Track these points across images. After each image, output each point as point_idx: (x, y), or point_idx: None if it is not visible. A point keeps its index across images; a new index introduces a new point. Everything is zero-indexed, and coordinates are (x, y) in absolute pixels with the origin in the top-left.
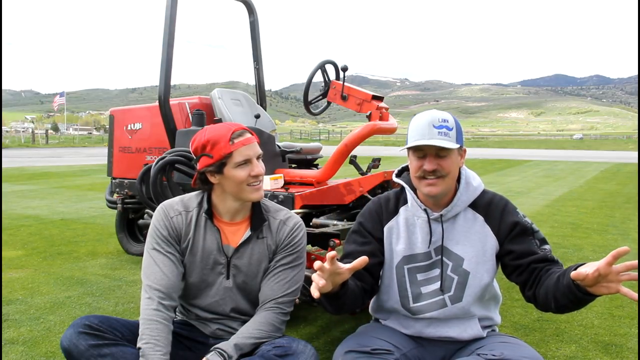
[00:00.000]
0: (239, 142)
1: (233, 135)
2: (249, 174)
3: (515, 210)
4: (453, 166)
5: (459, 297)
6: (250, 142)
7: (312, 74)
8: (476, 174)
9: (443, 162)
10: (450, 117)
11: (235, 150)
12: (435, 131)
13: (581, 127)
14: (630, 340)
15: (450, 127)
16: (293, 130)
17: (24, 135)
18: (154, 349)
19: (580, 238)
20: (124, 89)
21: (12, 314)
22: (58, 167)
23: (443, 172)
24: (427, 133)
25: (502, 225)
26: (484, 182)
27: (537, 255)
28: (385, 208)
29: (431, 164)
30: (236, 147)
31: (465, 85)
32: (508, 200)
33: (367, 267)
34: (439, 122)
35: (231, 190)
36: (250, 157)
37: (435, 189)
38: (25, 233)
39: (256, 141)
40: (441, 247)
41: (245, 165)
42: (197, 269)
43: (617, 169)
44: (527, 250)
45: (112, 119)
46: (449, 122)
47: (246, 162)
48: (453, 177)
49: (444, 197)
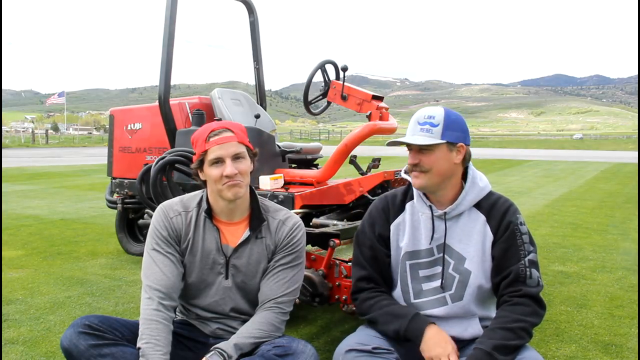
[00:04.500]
0: (213, 141)
1: (210, 134)
2: (222, 173)
3: (516, 214)
4: (437, 162)
5: (459, 296)
6: (224, 142)
7: (312, 74)
8: (484, 175)
9: (424, 157)
10: (441, 113)
11: (209, 148)
12: (418, 127)
13: (581, 127)
14: (630, 340)
15: (435, 124)
16: (293, 130)
17: (24, 135)
18: (154, 348)
19: (580, 238)
20: (124, 89)
21: (12, 314)
22: (58, 167)
23: (424, 167)
24: (412, 129)
25: (501, 225)
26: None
27: (510, 274)
28: (392, 205)
29: (412, 158)
30: (210, 145)
31: (465, 85)
32: (513, 203)
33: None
34: (424, 119)
35: (212, 189)
36: (222, 156)
37: (418, 181)
38: (25, 233)
39: (236, 140)
40: (443, 245)
41: (218, 164)
42: (197, 269)
43: (617, 169)
44: (506, 263)
45: (112, 118)
46: (436, 118)
47: (218, 161)
48: (438, 172)
49: (447, 195)
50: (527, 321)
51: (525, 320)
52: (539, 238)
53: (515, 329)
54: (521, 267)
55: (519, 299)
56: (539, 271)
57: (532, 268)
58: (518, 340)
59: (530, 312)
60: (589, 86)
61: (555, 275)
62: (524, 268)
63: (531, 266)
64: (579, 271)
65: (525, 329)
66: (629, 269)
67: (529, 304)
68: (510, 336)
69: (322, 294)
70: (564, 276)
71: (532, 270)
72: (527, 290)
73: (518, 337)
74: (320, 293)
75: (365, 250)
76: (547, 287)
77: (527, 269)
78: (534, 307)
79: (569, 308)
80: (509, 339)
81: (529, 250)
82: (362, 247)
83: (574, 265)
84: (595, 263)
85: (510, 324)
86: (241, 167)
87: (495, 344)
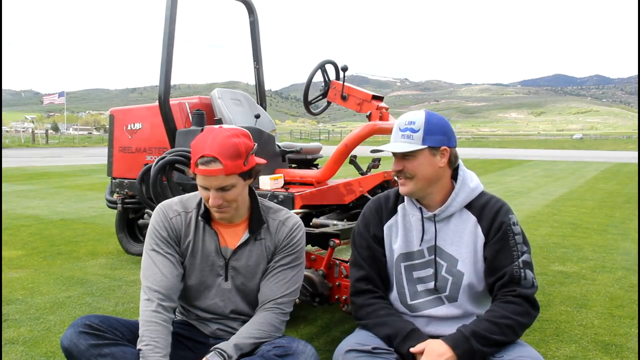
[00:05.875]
0: (200, 170)
1: (199, 161)
2: (208, 198)
3: (508, 214)
4: (421, 168)
5: (454, 297)
6: (209, 174)
7: (312, 74)
8: (475, 175)
9: (408, 163)
10: (421, 118)
11: (197, 174)
12: (399, 134)
13: (581, 127)
14: (630, 340)
15: (415, 129)
16: (293, 130)
17: (24, 135)
18: (153, 350)
19: (580, 238)
20: (124, 89)
21: (12, 314)
22: (58, 167)
23: (408, 174)
24: (394, 136)
25: (493, 225)
26: (484, 182)
27: (504, 275)
28: (385, 206)
29: (395, 165)
30: (198, 172)
31: (465, 85)
32: (505, 203)
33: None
34: (405, 125)
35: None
36: (208, 186)
37: (404, 188)
38: (25, 233)
39: (223, 174)
40: (434, 247)
41: (206, 189)
42: (197, 270)
43: (617, 169)
44: (499, 264)
45: (112, 119)
46: (416, 123)
47: (205, 188)
48: (423, 177)
49: (435, 197)
50: (515, 320)
51: (513, 318)
52: (539, 238)
53: (501, 324)
54: (515, 268)
55: (513, 298)
56: (533, 272)
57: (526, 269)
58: (501, 336)
59: (521, 312)
60: (589, 86)
61: (555, 275)
62: (518, 269)
63: (525, 267)
64: (579, 271)
65: (511, 327)
66: (629, 269)
67: (521, 303)
68: (493, 329)
69: (322, 294)
70: (564, 276)
71: (527, 271)
72: (521, 291)
73: (502, 332)
74: (320, 293)
75: (363, 251)
76: (547, 287)
77: (522, 269)
78: (526, 308)
79: (569, 308)
80: (491, 332)
81: (523, 251)
82: (359, 247)
83: (574, 265)
84: (595, 263)
85: (497, 319)
86: (228, 196)
87: (476, 331)
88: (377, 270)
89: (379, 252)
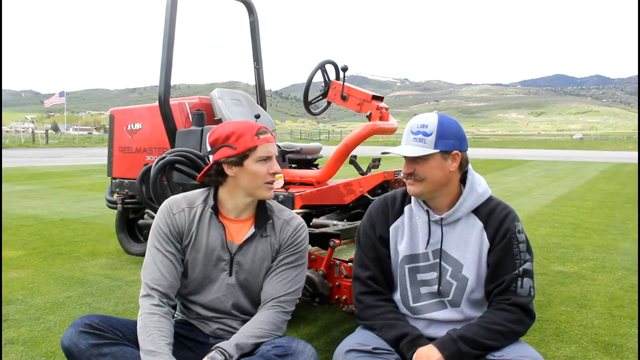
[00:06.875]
0: (264, 139)
1: (259, 131)
2: (268, 171)
3: (515, 222)
4: (431, 171)
5: (457, 303)
6: (272, 141)
7: (312, 74)
8: (483, 179)
9: (418, 166)
10: (434, 121)
11: (260, 145)
12: (411, 137)
13: (581, 127)
14: (630, 340)
15: (428, 133)
16: (293, 130)
17: (24, 135)
18: (159, 336)
19: (580, 238)
20: (124, 89)
21: (12, 314)
22: (58, 167)
23: (418, 177)
24: (405, 139)
25: (499, 232)
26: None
27: (502, 283)
28: (391, 207)
29: (406, 167)
30: (261, 142)
31: (465, 86)
32: (512, 210)
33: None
34: (417, 128)
35: (246, 185)
36: (271, 154)
37: (412, 188)
38: (25, 233)
39: (274, 142)
40: (440, 251)
41: (265, 161)
42: (200, 264)
43: (617, 169)
44: (500, 272)
45: (112, 119)
46: (429, 127)
47: (267, 159)
48: (433, 181)
49: (444, 201)
50: (507, 327)
51: (505, 325)
52: (539, 238)
53: (492, 330)
54: (514, 276)
55: (507, 306)
56: (533, 280)
57: (525, 277)
58: (491, 341)
59: (515, 320)
60: (589, 86)
61: (555, 275)
62: (516, 277)
63: (525, 275)
64: (579, 271)
65: (503, 333)
66: (629, 269)
67: (515, 311)
68: (483, 334)
69: (322, 294)
70: (564, 276)
71: (525, 279)
72: (516, 299)
73: (492, 338)
74: (321, 293)
75: (368, 251)
76: (547, 287)
77: (520, 278)
78: (521, 316)
79: (569, 308)
80: (480, 336)
81: (525, 260)
82: (364, 248)
83: (574, 266)
84: (595, 263)
85: (489, 324)
86: (277, 167)
87: (464, 335)
88: (382, 271)
89: (384, 253)
